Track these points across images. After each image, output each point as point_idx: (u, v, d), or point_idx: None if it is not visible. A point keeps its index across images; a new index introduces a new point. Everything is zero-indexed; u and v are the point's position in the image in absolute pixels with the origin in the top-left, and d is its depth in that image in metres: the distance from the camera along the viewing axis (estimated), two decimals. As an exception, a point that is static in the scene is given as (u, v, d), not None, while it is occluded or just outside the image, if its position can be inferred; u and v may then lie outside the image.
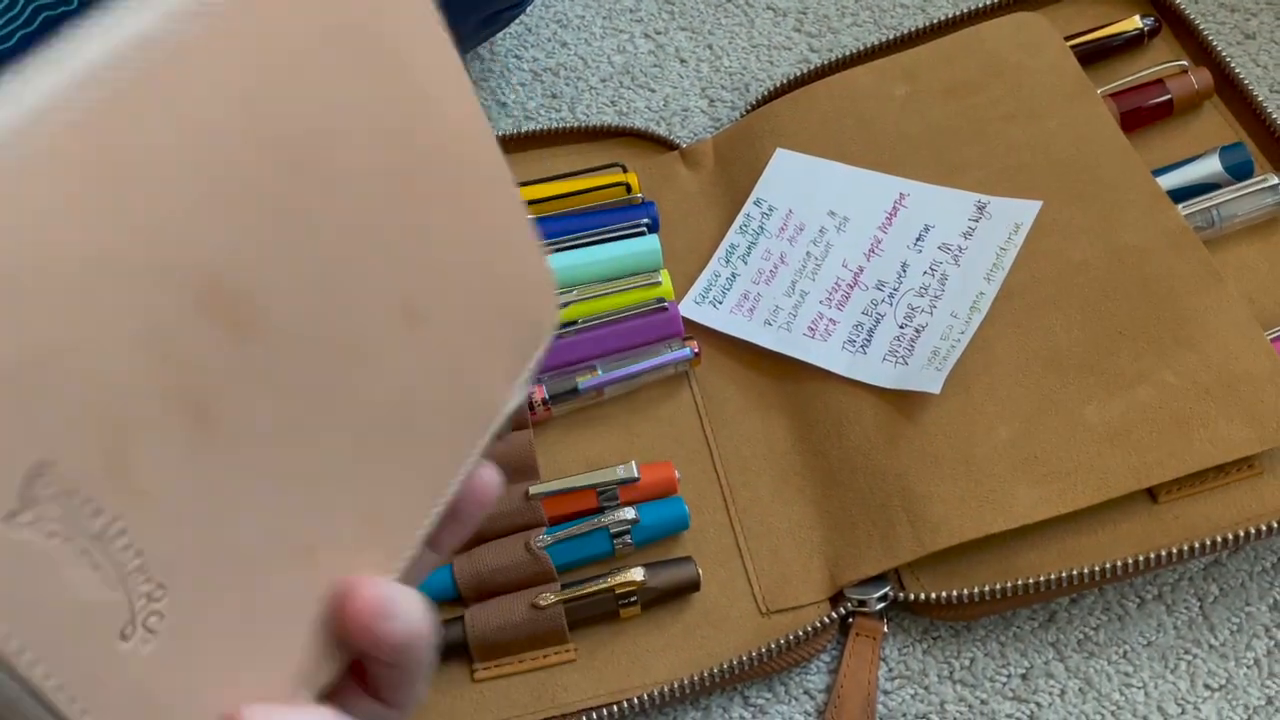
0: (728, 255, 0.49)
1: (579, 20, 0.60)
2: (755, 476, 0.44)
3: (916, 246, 0.47)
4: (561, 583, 0.40)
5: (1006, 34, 0.52)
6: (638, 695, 0.39)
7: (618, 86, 0.57)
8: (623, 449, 0.45)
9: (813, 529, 0.42)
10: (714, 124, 0.56)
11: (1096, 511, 0.40)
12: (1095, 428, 0.41)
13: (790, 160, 0.50)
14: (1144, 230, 0.45)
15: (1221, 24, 0.56)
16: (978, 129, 0.49)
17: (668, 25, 0.59)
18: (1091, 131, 0.48)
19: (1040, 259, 0.45)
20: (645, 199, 0.51)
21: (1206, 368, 0.41)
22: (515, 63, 0.58)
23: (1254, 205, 0.46)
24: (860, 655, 0.40)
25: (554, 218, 0.50)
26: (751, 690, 0.41)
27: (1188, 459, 0.40)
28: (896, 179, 0.49)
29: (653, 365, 0.45)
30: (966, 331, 0.44)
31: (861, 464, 0.43)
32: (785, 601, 0.41)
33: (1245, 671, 0.40)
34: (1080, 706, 0.39)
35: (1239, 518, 0.40)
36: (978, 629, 0.41)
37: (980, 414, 0.42)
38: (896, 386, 0.43)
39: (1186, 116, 0.51)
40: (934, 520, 0.40)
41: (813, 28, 0.59)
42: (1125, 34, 0.53)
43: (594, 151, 0.53)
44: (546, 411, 0.45)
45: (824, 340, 0.46)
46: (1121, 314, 0.43)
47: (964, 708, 0.40)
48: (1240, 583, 0.41)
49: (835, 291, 0.47)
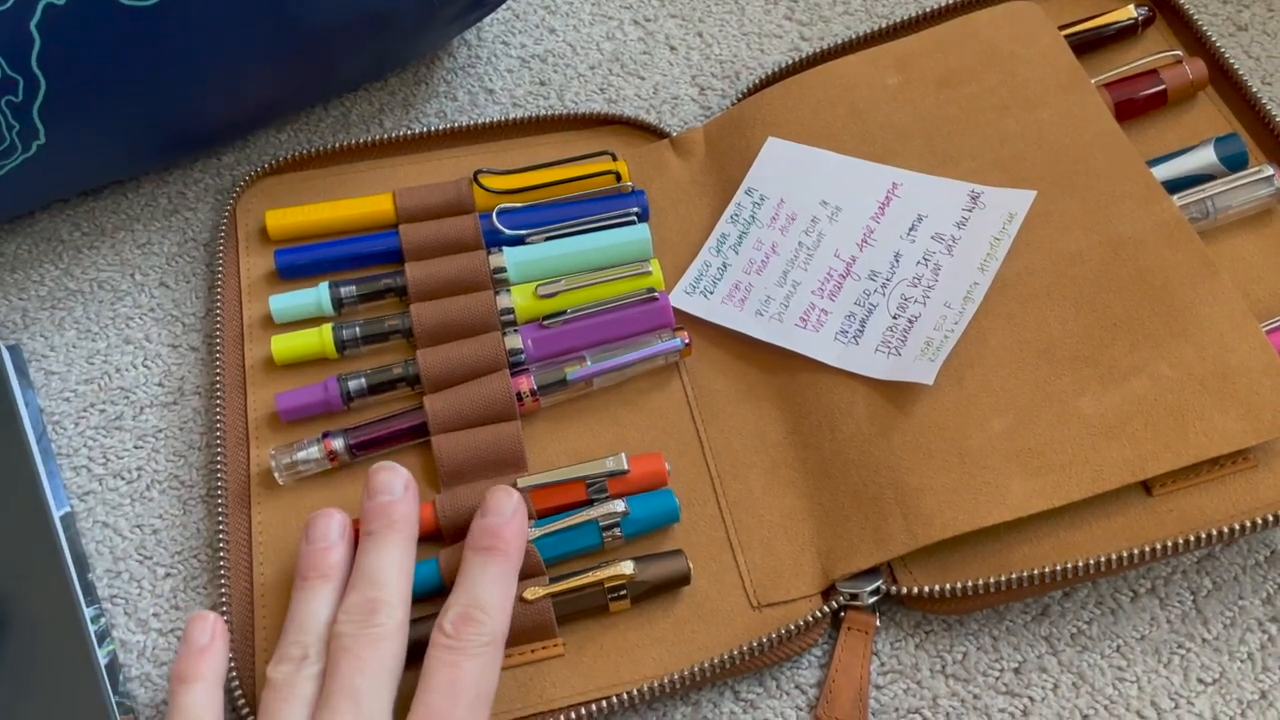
0: (719, 245, 0.48)
1: (567, 6, 0.59)
2: (746, 469, 0.43)
3: (909, 236, 0.46)
4: (549, 576, 0.40)
5: (1000, 23, 0.51)
6: (627, 691, 0.38)
7: (607, 74, 0.56)
8: (612, 441, 0.44)
9: (804, 522, 0.42)
10: (704, 112, 0.55)
11: (1090, 504, 0.40)
12: (1090, 420, 0.40)
13: (782, 149, 0.50)
14: (1139, 221, 0.44)
15: (1214, 15, 0.56)
16: (971, 118, 0.49)
17: (657, 12, 0.59)
18: (1086, 122, 0.48)
19: (1034, 250, 0.45)
20: (635, 188, 0.50)
21: (1201, 360, 0.41)
22: (503, 49, 0.58)
23: (1249, 196, 0.46)
24: (852, 649, 0.40)
25: (543, 206, 0.49)
26: (742, 685, 0.40)
27: (1182, 452, 0.39)
28: (889, 168, 0.48)
29: (643, 356, 0.45)
30: (960, 322, 0.43)
31: (854, 456, 0.42)
32: (777, 595, 0.41)
33: (1239, 666, 0.39)
34: (1073, 701, 0.39)
35: (1233, 511, 0.39)
36: (970, 623, 0.41)
37: (973, 406, 0.42)
38: (889, 378, 0.43)
39: (1180, 107, 0.51)
40: (927, 513, 0.40)
41: (804, 16, 0.58)
42: (1119, 23, 0.52)
43: (583, 139, 0.53)
44: (535, 403, 0.44)
45: (816, 331, 0.45)
46: (1116, 305, 0.43)
47: (956, 702, 0.39)
48: (1234, 576, 0.41)
49: (827, 282, 0.46)
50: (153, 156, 0.51)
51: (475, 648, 0.35)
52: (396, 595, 0.36)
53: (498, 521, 0.38)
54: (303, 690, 0.35)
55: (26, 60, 0.42)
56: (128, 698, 0.40)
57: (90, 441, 0.46)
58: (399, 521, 0.38)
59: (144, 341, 0.49)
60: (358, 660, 0.34)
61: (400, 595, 0.36)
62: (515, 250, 0.48)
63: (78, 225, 0.52)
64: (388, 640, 0.35)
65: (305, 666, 0.35)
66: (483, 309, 0.46)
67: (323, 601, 0.37)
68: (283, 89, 0.50)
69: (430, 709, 0.34)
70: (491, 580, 0.37)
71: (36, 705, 0.39)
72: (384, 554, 0.37)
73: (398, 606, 0.36)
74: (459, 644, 0.35)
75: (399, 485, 0.39)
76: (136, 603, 0.42)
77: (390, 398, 0.45)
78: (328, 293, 0.47)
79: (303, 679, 0.35)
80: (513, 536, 0.38)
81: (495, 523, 0.38)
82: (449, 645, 0.35)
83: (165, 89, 0.45)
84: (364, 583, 0.36)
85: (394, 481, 0.39)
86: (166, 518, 0.44)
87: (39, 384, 0.48)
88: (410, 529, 0.39)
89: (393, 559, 0.37)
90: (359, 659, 0.34)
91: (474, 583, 0.36)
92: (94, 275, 0.50)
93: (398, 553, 0.38)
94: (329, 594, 0.37)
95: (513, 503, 0.39)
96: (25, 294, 0.50)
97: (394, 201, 0.50)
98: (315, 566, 0.38)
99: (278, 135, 0.55)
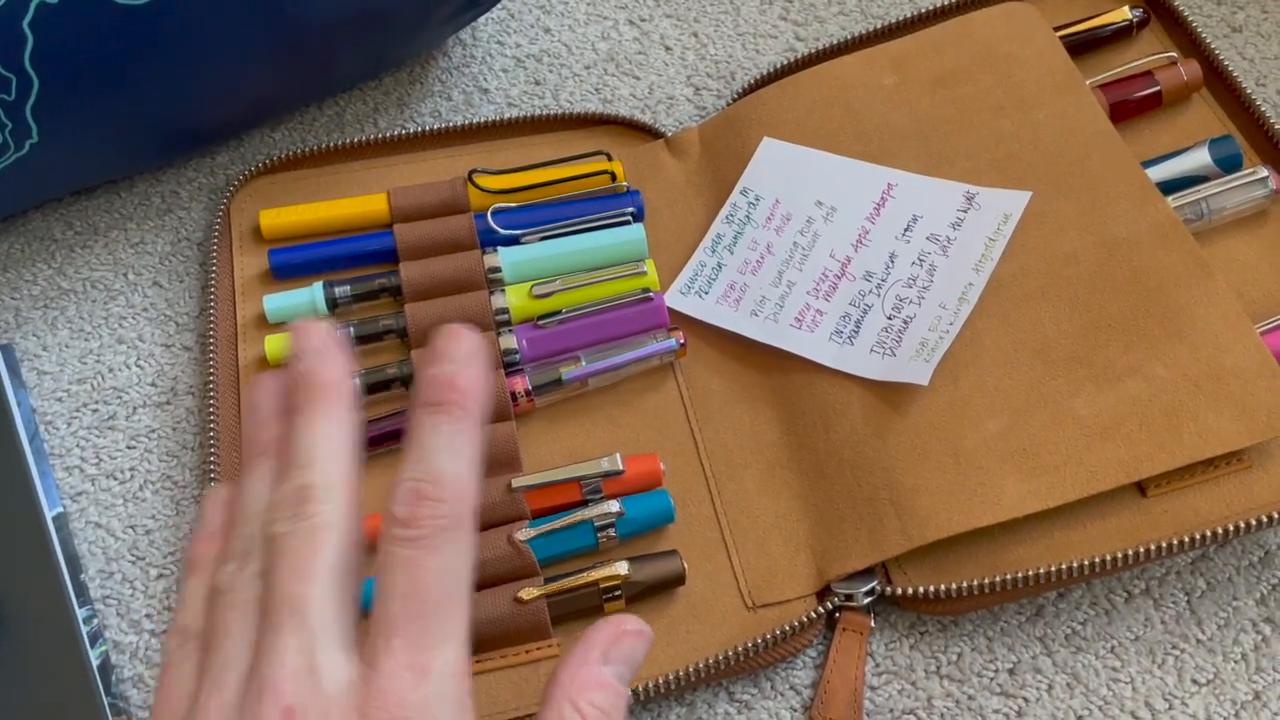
0: (714, 245, 0.48)
1: (562, 6, 0.59)
2: (741, 469, 0.43)
3: (905, 237, 0.46)
4: (544, 577, 0.40)
5: (996, 24, 0.51)
6: (622, 691, 0.38)
7: (602, 74, 0.56)
8: (607, 441, 0.44)
9: (799, 522, 0.42)
10: (699, 113, 0.55)
11: (1085, 505, 0.40)
12: (1084, 421, 0.41)
13: (777, 149, 0.50)
14: (1133, 222, 0.45)
15: (1208, 16, 0.56)
16: (966, 119, 0.49)
17: (652, 12, 0.59)
18: (1081, 123, 0.48)
19: (1029, 250, 0.45)
20: (630, 188, 0.50)
21: (1196, 361, 0.41)
22: (498, 49, 0.58)
23: (1243, 198, 0.46)
24: (847, 650, 0.40)
25: (538, 206, 0.49)
26: (737, 686, 0.40)
27: (1177, 453, 0.39)
28: (884, 169, 0.48)
29: (638, 356, 0.45)
30: (955, 323, 0.43)
31: (849, 456, 0.42)
32: (771, 596, 0.41)
33: (1233, 666, 0.39)
34: (1068, 701, 0.39)
35: (1227, 512, 0.39)
36: (965, 624, 0.41)
37: (968, 406, 0.42)
38: (884, 378, 0.43)
39: (1175, 109, 0.51)
40: (921, 513, 0.40)
41: (799, 16, 0.58)
42: (1114, 25, 0.52)
43: (578, 139, 0.53)
44: (530, 403, 0.44)
45: (811, 331, 0.45)
46: (1110, 306, 0.43)
47: (951, 703, 0.39)
48: (1228, 577, 0.41)
49: (823, 282, 0.46)
50: (146, 155, 0.50)
51: (436, 535, 0.27)
52: (333, 476, 0.29)
53: (450, 370, 0.29)
54: (249, 593, 0.28)
55: (20, 58, 0.41)
56: (120, 699, 0.40)
57: (83, 442, 0.46)
58: (325, 386, 0.30)
59: (137, 341, 0.48)
60: (294, 562, 0.27)
61: (338, 475, 0.29)
62: (510, 250, 0.48)
63: (71, 224, 0.52)
64: (327, 530, 0.28)
65: (249, 563, 0.28)
66: (477, 309, 0.46)
67: (263, 482, 0.30)
68: (277, 88, 0.50)
69: (390, 621, 0.26)
70: (446, 444, 0.28)
71: (28, 707, 0.38)
72: (312, 429, 0.29)
73: (336, 489, 0.28)
74: (415, 533, 0.27)
75: (317, 341, 0.30)
76: (129, 604, 0.42)
77: (385, 398, 0.45)
78: (322, 292, 0.47)
79: (246, 578, 0.28)
80: (469, 386, 0.29)
81: (447, 372, 0.29)
82: (403, 536, 0.27)
83: (159, 88, 0.45)
84: (292, 464, 0.29)
85: (311, 339, 0.31)
86: (159, 518, 0.44)
87: (31, 384, 0.47)
88: (342, 395, 0.30)
89: (324, 433, 0.29)
90: (296, 560, 0.27)
91: (425, 449, 0.28)
92: (87, 274, 0.50)
93: (331, 425, 0.29)
94: (268, 473, 0.30)
95: (466, 345, 0.29)
96: (18, 293, 0.50)
97: (388, 201, 0.49)
98: (254, 442, 0.31)
99: (272, 134, 0.55)
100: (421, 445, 0.28)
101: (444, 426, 0.28)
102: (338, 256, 0.49)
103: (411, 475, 0.28)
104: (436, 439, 0.28)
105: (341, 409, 0.30)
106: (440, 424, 0.28)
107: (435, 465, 0.28)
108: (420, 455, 0.28)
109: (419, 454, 0.28)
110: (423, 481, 0.28)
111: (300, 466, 0.29)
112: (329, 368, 0.30)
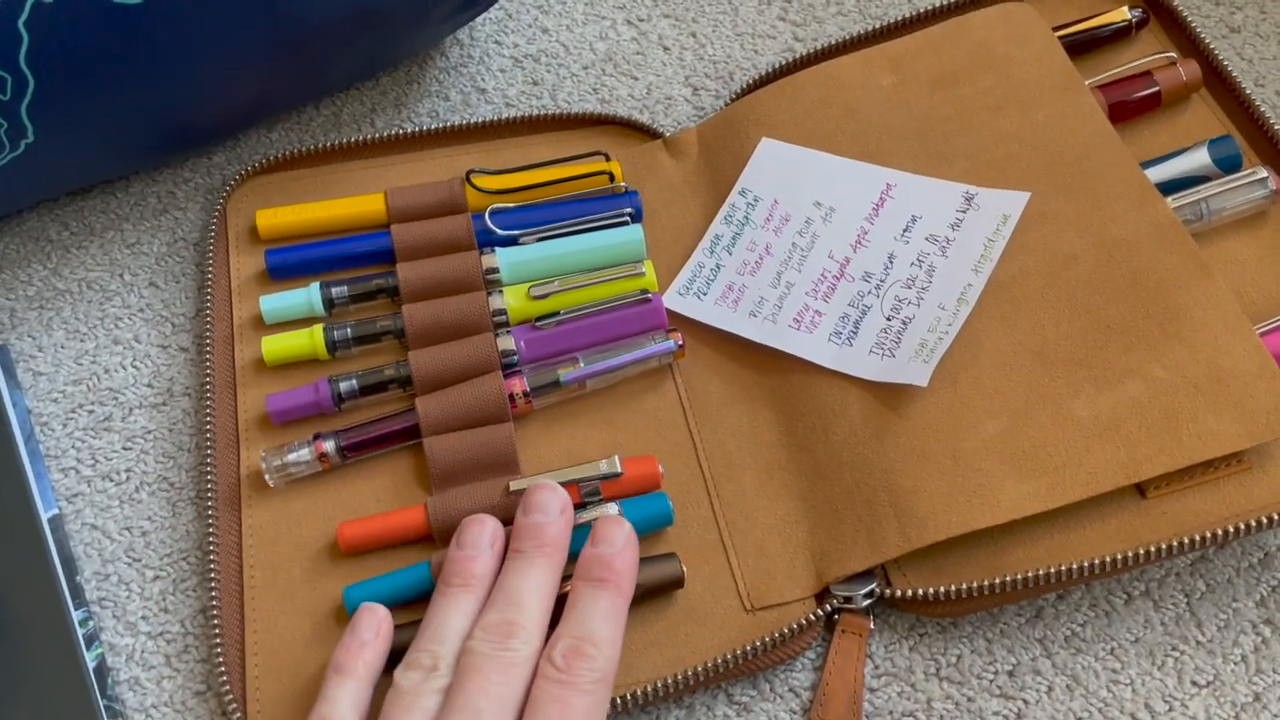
0: (712, 246, 0.48)
1: (560, 6, 0.59)
2: (740, 471, 0.43)
3: (904, 238, 0.46)
4: (543, 579, 0.40)
5: (994, 24, 0.51)
6: (621, 694, 0.38)
7: (600, 74, 0.56)
8: (605, 443, 0.44)
9: (798, 524, 0.42)
10: (698, 113, 0.55)
11: (1084, 507, 0.40)
12: (1083, 422, 0.40)
13: (776, 150, 0.50)
14: (1133, 223, 0.44)
15: (1206, 17, 0.56)
16: (965, 119, 0.49)
17: (650, 12, 0.59)
18: (1080, 123, 0.48)
19: (1028, 251, 0.45)
20: (629, 188, 0.50)
21: (1195, 362, 0.41)
22: (495, 49, 0.57)
23: (1243, 198, 0.46)
24: (846, 652, 0.40)
25: (536, 206, 0.49)
26: (736, 688, 0.40)
27: (1176, 454, 0.39)
28: (883, 169, 0.48)
29: (636, 358, 0.45)
30: (954, 324, 0.43)
31: (848, 458, 0.42)
32: (770, 598, 0.40)
33: (1232, 668, 0.39)
34: (1067, 703, 0.39)
35: (1227, 514, 0.39)
36: (964, 625, 0.41)
37: (967, 408, 0.41)
38: (883, 379, 0.43)
39: (1174, 109, 0.51)
40: (920, 515, 0.40)
41: (797, 16, 0.58)
42: (1113, 25, 0.52)
43: (576, 140, 0.52)
44: (528, 404, 0.44)
45: (810, 332, 0.45)
46: (1110, 307, 0.43)
47: (951, 705, 0.39)
48: (1227, 579, 0.41)
49: (821, 283, 0.46)
50: (142, 155, 0.50)
51: (586, 684, 0.34)
52: (534, 622, 0.35)
53: (609, 552, 0.37)
54: (426, 702, 0.34)
55: (15, 58, 0.41)
56: (116, 701, 0.40)
57: (79, 443, 0.46)
58: (549, 545, 0.37)
59: (133, 342, 0.48)
60: (485, 682, 0.33)
61: (538, 623, 0.35)
62: (508, 251, 0.47)
63: (66, 225, 0.52)
64: (518, 668, 0.34)
65: (433, 678, 0.34)
66: (475, 310, 0.46)
67: (462, 611, 0.36)
68: (274, 88, 0.49)
69: None
70: (603, 614, 0.35)
71: (24, 709, 0.38)
72: (529, 576, 0.36)
73: (534, 634, 0.35)
74: (570, 678, 0.34)
75: (555, 507, 0.38)
76: (125, 605, 0.42)
77: (382, 399, 0.45)
78: (319, 293, 0.47)
79: (428, 690, 0.34)
80: (625, 568, 0.37)
81: (608, 553, 0.37)
82: (559, 679, 0.34)
83: (155, 87, 0.45)
84: (505, 602, 0.36)
85: (551, 502, 0.38)
86: (156, 520, 0.44)
87: (27, 385, 0.47)
88: (560, 555, 0.38)
89: (537, 583, 0.36)
90: (487, 681, 0.33)
91: (585, 615, 0.35)
92: (83, 275, 0.50)
93: (543, 577, 0.37)
94: (469, 604, 0.36)
95: (624, 533, 0.38)
96: (13, 294, 0.50)
97: (386, 201, 0.49)
98: (460, 573, 0.37)
99: (269, 134, 0.54)
100: (581, 611, 0.36)
101: (601, 600, 0.36)
102: (335, 257, 0.48)
103: (572, 634, 0.35)
104: (594, 609, 0.35)
105: (556, 570, 0.37)
106: (598, 596, 0.36)
107: (592, 629, 0.35)
108: (580, 619, 0.35)
109: (579, 617, 0.35)
110: (582, 640, 0.34)
111: (512, 603, 0.35)
112: (558, 531, 0.38)
